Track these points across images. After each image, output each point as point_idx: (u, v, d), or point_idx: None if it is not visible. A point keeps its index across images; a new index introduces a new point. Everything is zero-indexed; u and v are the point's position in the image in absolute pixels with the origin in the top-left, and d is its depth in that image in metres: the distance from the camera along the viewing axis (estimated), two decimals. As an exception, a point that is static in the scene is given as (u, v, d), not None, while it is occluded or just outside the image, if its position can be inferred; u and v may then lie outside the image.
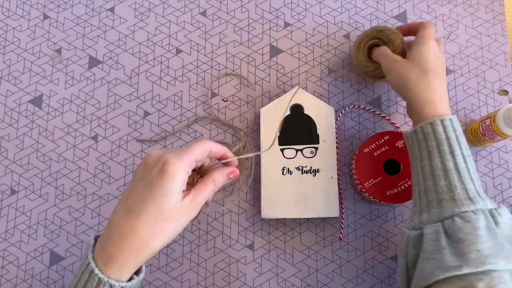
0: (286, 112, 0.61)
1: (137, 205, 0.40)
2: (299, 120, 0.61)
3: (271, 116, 0.61)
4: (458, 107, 0.67)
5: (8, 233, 0.64)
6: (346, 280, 0.62)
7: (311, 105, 0.61)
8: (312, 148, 0.60)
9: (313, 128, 0.61)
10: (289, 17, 0.70)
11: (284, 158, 0.60)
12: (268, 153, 0.60)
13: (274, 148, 0.60)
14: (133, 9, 0.71)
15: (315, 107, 0.61)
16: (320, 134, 0.61)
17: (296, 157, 0.60)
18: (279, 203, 0.59)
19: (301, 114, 0.61)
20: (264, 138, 0.61)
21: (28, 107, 0.68)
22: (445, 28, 0.69)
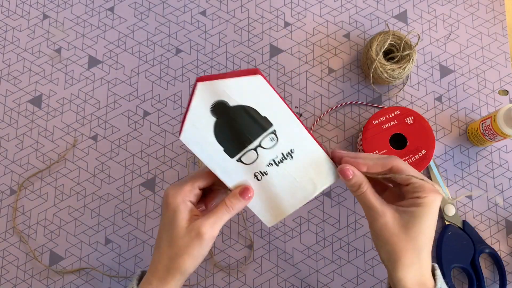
0: (205, 120, 0.43)
1: (158, 238, 0.46)
2: (230, 117, 0.43)
3: (196, 138, 0.43)
4: (459, 107, 0.67)
5: (8, 233, 0.64)
6: (346, 280, 0.62)
7: (233, 89, 0.42)
8: (270, 135, 0.44)
9: (254, 114, 0.43)
10: (289, 16, 0.70)
11: (248, 165, 0.45)
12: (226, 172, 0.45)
13: (225, 163, 0.45)
14: (133, 9, 0.71)
15: (240, 89, 0.42)
16: (267, 114, 0.44)
17: (259, 155, 0.45)
18: (275, 206, 0.48)
19: (228, 109, 0.43)
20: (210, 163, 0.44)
21: (27, 107, 0.68)
22: (446, 27, 0.69)
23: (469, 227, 0.62)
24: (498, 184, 0.64)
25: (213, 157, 0.44)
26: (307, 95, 0.67)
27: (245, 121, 0.43)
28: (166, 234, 0.44)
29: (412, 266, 0.42)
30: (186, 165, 0.65)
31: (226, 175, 0.45)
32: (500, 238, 0.63)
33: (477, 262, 0.61)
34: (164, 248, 0.44)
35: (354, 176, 0.43)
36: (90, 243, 0.64)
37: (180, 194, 0.44)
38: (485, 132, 0.61)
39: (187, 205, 0.44)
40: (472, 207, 0.64)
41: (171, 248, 0.44)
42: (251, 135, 0.44)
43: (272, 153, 0.45)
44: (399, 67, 0.62)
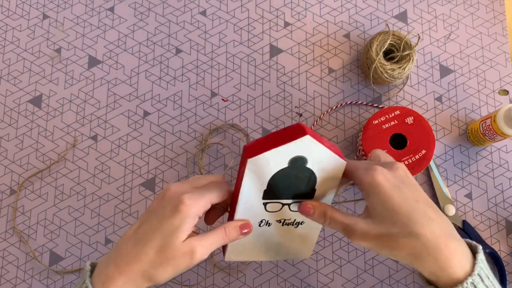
0: (281, 166, 0.42)
1: (145, 235, 0.42)
2: (296, 174, 0.44)
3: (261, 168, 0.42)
4: (459, 107, 0.67)
5: (8, 233, 0.64)
6: (346, 280, 0.62)
7: (318, 156, 0.42)
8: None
9: (311, 182, 0.44)
10: (289, 16, 0.70)
11: (266, 212, 0.46)
12: (245, 203, 0.45)
13: (254, 199, 0.45)
14: (133, 9, 0.71)
15: (323, 160, 0.43)
16: (318, 188, 0.45)
17: (281, 211, 0.46)
18: (247, 249, 0.49)
19: (302, 168, 0.43)
20: (246, 193, 0.44)
21: (27, 107, 0.68)
22: (446, 27, 0.69)
23: (469, 227, 0.62)
24: (498, 184, 0.64)
25: (251, 189, 0.44)
26: (307, 95, 0.67)
27: (301, 183, 0.44)
28: (159, 238, 0.41)
29: (414, 251, 0.38)
30: (186, 165, 0.65)
31: (244, 206, 0.45)
32: (500, 238, 0.63)
33: (477, 262, 0.60)
34: (150, 251, 0.41)
35: (315, 209, 0.44)
36: (90, 243, 0.64)
37: (195, 206, 0.41)
38: (485, 132, 0.61)
39: (195, 220, 0.42)
40: (472, 207, 0.64)
41: (159, 254, 0.41)
42: (294, 196, 0.45)
43: (289, 215, 0.47)
44: (399, 67, 0.62)
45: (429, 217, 0.39)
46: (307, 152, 0.42)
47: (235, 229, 0.45)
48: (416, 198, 0.40)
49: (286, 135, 0.41)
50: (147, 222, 0.42)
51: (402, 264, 0.62)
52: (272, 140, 0.42)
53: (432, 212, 0.40)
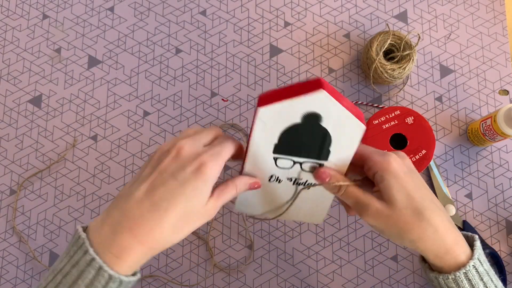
0: (293, 120, 0.40)
1: (166, 200, 0.38)
2: (309, 131, 0.41)
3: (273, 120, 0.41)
4: (459, 106, 0.67)
5: (8, 233, 0.64)
6: (347, 280, 0.62)
7: (334, 116, 0.40)
8: (316, 164, 0.44)
9: (326, 143, 0.42)
10: (289, 16, 0.70)
11: (276, 167, 0.44)
12: (255, 155, 0.43)
13: (264, 152, 0.43)
14: (133, 9, 0.70)
15: (340, 120, 0.40)
16: (333, 151, 0.43)
17: (292, 168, 0.44)
18: (257, 203, 0.48)
19: (316, 125, 0.41)
20: (256, 144, 0.42)
21: (27, 107, 0.68)
22: (446, 27, 0.69)
23: (469, 227, 0.62)
24: (498, 184, 0.64)
25: (261, 141, 0.42)
26: (307, 95, 0.67)
27: (315, 142, 0.42)
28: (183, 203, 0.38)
29: (424, 234, 0.41)
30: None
31: (253, 158, 0.43)
32: (500, 238, 0.63)
33: (477, 262, 0.60)
34: (172, 217, 0.38)
35: (331, 177, 0.43)
36: (90, 243, 0.64)
37: (217, 168, 0.39)
38: (485, 132, 0.61)
39: (215, 181, 0.40)
40: (472, 207, 0.64)
41: (182, 219, 0.38)
42: (306, 154, 0.43)
43: (301, 175, 0.45)
44: (399, 67, 0.62)
45: (435, 205, 0.42)
46: (322, 109, 0.39)
47: (244, 185, 0.43)
48: (423, 185, 0.43)
49: (303, 88, 0.38)
50: (164, 185, 0.38)
51: (402, 264, 0.62)
52: (287, 91, 0.39)
53: (436, 201, 0.43)
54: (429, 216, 0.41)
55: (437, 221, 0.41)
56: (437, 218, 0.41)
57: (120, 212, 0.38)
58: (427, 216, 0.41)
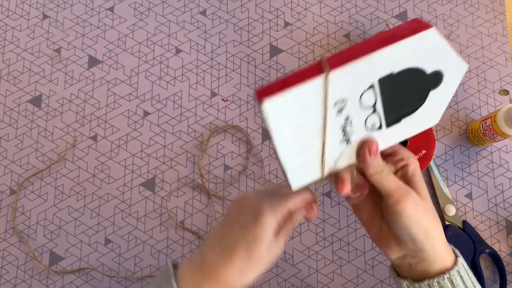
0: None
1: (231, 246, 0.41)
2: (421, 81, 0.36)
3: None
4: (459, 106, 0.67)
5: (8, 233, 0.64)
6: (347, 280, 0.62)
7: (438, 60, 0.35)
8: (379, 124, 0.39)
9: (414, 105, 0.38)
10: (289, 16, 0.70)
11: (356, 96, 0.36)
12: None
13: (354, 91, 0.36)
14: (133, 9, 0.70)
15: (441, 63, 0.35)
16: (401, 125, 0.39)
17: (362, 111, 0.37)
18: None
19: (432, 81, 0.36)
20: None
21: (27, 107, 0.68)
22: (446, 27, 0.69)
23: (469, 227, 0.62)
24: (498, 184, 0.64)
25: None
26: (307, 95, 0.67)
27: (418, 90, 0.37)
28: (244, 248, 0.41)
29: (439, 230, 0.42)
30: (186, 165, 0.65)
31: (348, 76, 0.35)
32: (500, 238, 0.63)
33: (477, 262, 0.60)
34: (236, 260, 0.41)
35: (378, 154, 0.40)
36: (90, 243, 0.64)
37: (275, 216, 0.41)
38: (485, 132, 0.61)
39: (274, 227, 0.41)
40: (472, 207, 0.64)
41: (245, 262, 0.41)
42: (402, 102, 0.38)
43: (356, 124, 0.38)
44: None
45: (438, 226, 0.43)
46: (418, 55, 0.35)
47: (301, 212, 0.43)
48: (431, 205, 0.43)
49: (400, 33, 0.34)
50: (230, 232, 0.42)
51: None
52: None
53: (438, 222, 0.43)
54: (438, 219, 0.43)
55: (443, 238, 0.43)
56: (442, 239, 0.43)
57: (199, 257, 0.43)
58: (438, 218, 0.42)
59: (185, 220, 0.64)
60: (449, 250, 0.43)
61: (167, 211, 0.64)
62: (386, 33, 0.35)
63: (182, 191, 0.65)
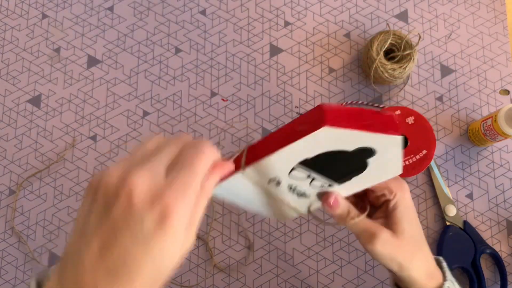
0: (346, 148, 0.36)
1: (125, 267, 0.28)
2: (350, 159, 0.37)
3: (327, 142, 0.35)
4: (459, 106, 0.66)
5: (7, 234, 0.64)
6: (347, 281, 0.62)
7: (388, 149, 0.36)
8: (327, 183, 0.40)
9: (355, 171, 0.39)
10: (289, 16, 0.70)
11: (285, 174, 0.38)
12: (270, 163, 0.36)
13: (287, 161, 0.36)
14: (132, 8, 0.70)
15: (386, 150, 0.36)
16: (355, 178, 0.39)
17: (300, 180, 0.39)
18: (239, 196, 0.40)
19: (362, 157, 0.37)
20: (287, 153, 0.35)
21: (26, 106, 0.67)
22: (446, 27, 0.69)
23: (470, 228, 0.62)
24: (499, 185, 0.64)
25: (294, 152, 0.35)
26: (307, 95, 0.67)
27: (346, 168, 0.38)
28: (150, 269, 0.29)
29: (419, 261, 0.43)
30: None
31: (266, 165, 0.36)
32: (501, 239, 0.63)
33: (478, 263, 0.60)
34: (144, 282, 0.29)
35: (340, 206, 0.41)
36: (90, 243, 0.63)
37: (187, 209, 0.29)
38: (486, 132, 0.60)
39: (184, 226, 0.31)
40: (473, 207, 0.64)
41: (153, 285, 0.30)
42: (328, 174, 0.39)
43: (303, 186, 0.40)
44: (399, 66, 0.62)
45: (429, 251, 0.45)
46: (382, 147, 0.35)
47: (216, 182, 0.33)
48: (419, 223, 0.45)
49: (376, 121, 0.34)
50: (120, 244, 0.28)
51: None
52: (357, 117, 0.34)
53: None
54: (424, 244, 0.44)
55: (427, 249, 0.44)
56: (426, 248, 0.44)
57: (72, 278, 0.28)
58: (423, 245, 0.44)
59: (185, 220, 0.64)
60: (432, 276, 0.44)
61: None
62: (288, 126, 0.35)
63: (182, 191, 0.64)
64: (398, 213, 0.42)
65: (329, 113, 0.33)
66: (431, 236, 0.63)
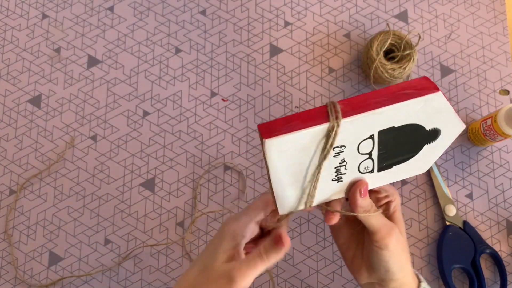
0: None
1: (196, 259, 0.44)
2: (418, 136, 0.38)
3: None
4: (459, 106, 0.66)
5: (7, 233, 0.64)
6: (347, 280, 0.62)
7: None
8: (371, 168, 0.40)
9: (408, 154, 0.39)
10: (289, 16, 0.70)
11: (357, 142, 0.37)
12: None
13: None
14: (133, 8, 0.70)
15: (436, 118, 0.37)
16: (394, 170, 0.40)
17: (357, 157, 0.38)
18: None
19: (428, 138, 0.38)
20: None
21: (27, 106, 0.67)
22: (446, 27, 0.69)
23: (469, 228, 0.62)
24: (499, 184, 0.64)
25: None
26: (307, 95, 0.67)
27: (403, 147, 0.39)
28: (202, 259, 0.41)
29: (409, 264, 0.45)
30: (185, 165, 0.65)
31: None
32: (500, 239, 0.63)
33: (477, 263, 0.60)
34: (194, 272, 0.41)
35: (367, 196, 0.41)
36: (90, 243, 0.63)
37: (235, 224, 0.41)
38: (485, 132, 0.60)
39: (235, 239, 0.40)
40: (473, 207, 0.64)
41: (200, 275, 0.40)
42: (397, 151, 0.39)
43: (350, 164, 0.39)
44: (399, 66, 0.62)
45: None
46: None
47: (271, 246, 0.40)
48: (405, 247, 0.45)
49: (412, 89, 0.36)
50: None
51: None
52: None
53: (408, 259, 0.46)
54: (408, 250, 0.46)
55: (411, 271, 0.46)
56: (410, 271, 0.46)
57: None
58: (408, 250, 0.46)
59: (185, 220, 0.64)
60: (413, 277, 0.46)
61: (166, 211, 0.64)
62: (395, 87, 0.36)
63: (182, 191, 0.65)
64: (399, 215, 0.45)
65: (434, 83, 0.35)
66: (431, 236, 0.63)
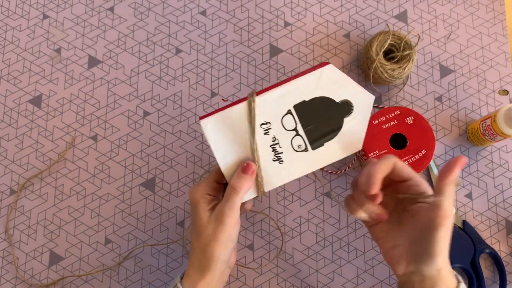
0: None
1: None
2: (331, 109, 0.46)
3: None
4: (459, 106, 0.67)
5: (8, 233, 0.64)
6: (346, 280, 0.62)
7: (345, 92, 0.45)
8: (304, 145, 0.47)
9: (332, 130, 0.47)
10: (289, 16, 0.70)
11: (278, 118, 0.46)
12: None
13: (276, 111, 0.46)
14: (133, 9, 0.71)
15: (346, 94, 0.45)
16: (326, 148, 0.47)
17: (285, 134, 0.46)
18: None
19: (342, 111, 0.46)
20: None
21: (27, 107, 0.68)
22: (446, 27, 0.69)
23: (469, 227, 0.62)
24: (498, 184, 0.64)
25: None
26: (307, 95, 0.67)
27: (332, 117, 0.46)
28: (193, 229, 0.48)
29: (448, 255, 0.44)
30: (186, 165, 0.65)
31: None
32: (500, 238, 0.63)
33: (477, 262, 0.60)
34: (194, 242, 0.48)
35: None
36: (90, 243, 0.64)
37: (198, 189, 0.48)
38: (485, 132, 0.61)
39: (205, 197, 0.47)
40: (472, 207, 0.64)
41: (199, 240, 0.47)
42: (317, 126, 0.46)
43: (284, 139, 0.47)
44: (399, 67, 0.62)
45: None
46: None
47: (237, 176, 0.46)
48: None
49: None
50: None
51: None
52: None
53: None
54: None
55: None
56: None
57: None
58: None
59: (185, 220, 0.64)
60: (452, 274, 0.44)
61: (167, 211, 0.64)
62: (301, 72, 0.45)
63: (182, 191, 0.65)
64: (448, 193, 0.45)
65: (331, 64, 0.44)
66: (430, 236, 0.63)
